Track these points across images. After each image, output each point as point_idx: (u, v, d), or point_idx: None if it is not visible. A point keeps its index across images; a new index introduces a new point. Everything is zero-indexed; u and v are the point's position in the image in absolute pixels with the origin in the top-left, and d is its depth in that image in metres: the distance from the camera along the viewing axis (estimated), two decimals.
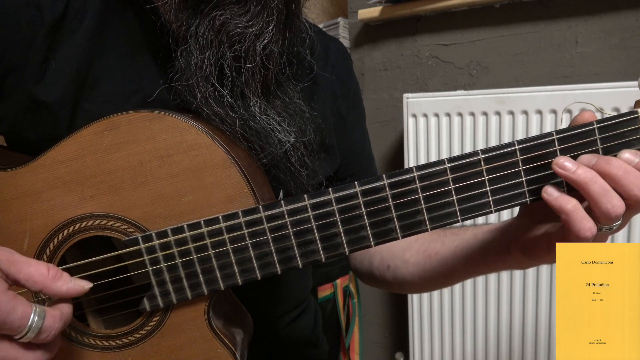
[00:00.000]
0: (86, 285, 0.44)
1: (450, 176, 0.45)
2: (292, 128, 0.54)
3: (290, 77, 0.57)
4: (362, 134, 0.75)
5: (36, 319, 0.39)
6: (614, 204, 0.40)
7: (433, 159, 1.20)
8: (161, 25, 0.51)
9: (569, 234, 0.42)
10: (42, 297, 0.46)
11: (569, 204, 0.41)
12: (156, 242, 0.46)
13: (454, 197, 0.45)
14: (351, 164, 0.72)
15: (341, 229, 0.46)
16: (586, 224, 0.40)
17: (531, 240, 0.49)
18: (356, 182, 0.45)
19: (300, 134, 0.56)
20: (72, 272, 0.48)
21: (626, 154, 0.41)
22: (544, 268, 1.11)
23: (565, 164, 0.41)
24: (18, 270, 0.40)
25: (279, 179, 0.56)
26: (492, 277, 1.17)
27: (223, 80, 0.50)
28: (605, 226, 0.42)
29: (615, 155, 0.42)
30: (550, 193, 0.42)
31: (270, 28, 0.50)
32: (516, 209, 0.50)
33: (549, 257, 0.47)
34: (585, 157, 0.42)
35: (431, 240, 0.62)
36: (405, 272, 0.65)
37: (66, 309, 0.43)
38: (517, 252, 0.50)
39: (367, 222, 0.46)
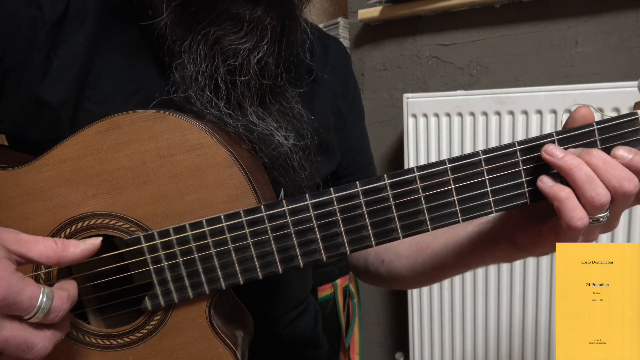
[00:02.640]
0: (96, 240, 0.44)
1: (451, 176, 0.45)
2: (291, 133, 0.55)
3: (288, 82, 0.57)
4: (362, 132, 0.76)
5: (45, 299, 0.39)
6: (599, 192, 0.40)
7: (433, 159, 1.20)
8: (157, 37, 0.51)
9: (560, 224, 0.42)
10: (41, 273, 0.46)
11: (563, 192, 0.41)
12: (158, 241, 0.46)
13: (455, 197, 0.45)
14: (350, 163, 0.72)
15: (342, 229, 0.46)
16: (578, 213, 0.41)
17: (520, 232, 0.49)
18: (357, 182, 0.45)
19: (298, 138, 0.56)
20: (72, 270, 0.49)
21: (619, 151, 0.42)
22: (544, 268, 1.11)
23: (553, 151, 0.42)
24: (28, 249, 0.40)
25: (278, 182, 0.57)
26: (492, 277, 1.17)
27: (218, 93, 0.50)
28: (592, 217, 0.42)
29: (609, 152, 0.42)
30: (545, 182, 0.43)
31: (264, 42, 0.50)
32: None
33: (537, 249, 0.47)
34: (571, 149, 0.43)
35: (424, 234, 0.63)
36: (399, 265, 0.65)
37: (72, 290, 0.43)
38: (505, 244, 0.50)
39: (368, 221, 0.46)
